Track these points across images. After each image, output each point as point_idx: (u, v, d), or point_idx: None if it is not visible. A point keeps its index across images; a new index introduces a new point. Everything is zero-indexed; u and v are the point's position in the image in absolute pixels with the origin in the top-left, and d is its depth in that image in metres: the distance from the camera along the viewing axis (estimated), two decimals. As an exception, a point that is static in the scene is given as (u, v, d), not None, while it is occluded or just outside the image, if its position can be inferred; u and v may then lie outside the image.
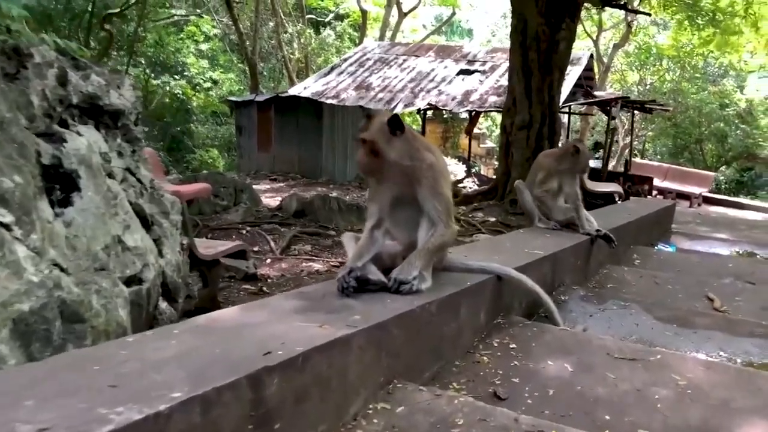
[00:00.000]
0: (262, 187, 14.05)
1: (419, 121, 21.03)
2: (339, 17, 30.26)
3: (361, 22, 27.78)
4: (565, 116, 18.49)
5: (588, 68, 18.75)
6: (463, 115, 21.05)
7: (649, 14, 19.29)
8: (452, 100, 17.12)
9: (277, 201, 10.72)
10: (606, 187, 12.10)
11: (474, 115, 18.17)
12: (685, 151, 27.92)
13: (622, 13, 24.31)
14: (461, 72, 18.64)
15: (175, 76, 24.67)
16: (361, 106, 15.79)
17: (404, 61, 20.05)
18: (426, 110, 18.75)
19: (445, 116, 23.54)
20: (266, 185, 15.03)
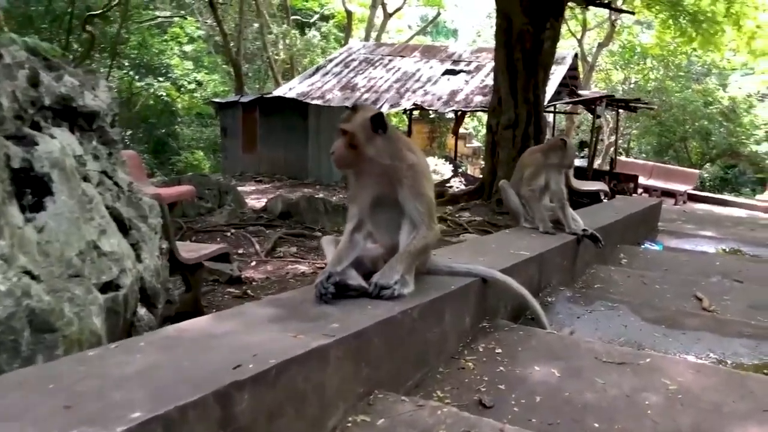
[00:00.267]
0: (248, 189, 13.88)
1: (405, 121, 20.99)
2: (324, 18, 30.21)
3: (346, 23, 27.69)
4: (551, 115, 18.50)
5: (573, 67, 18.82)
6: (450, 115, 21.05)
7: (633, 13, 19.38)
8: (438, 100, 17.08)
9: (263, 202, 10.57)
10: (592, 185, 12.09)
11: (460, 115, 18.15)
12: (669, 149, 28.14)
13: (606, 13, 24.43)
14: (447, 72, 18.61)
15: (160, 78, 24.43)
16: (347, 107, 15.67)
17: (390, 61, 19.99)
18: (412, 110, 18.70)
19: (431, 116, 23.50)
20: (252, 187, 14.85)
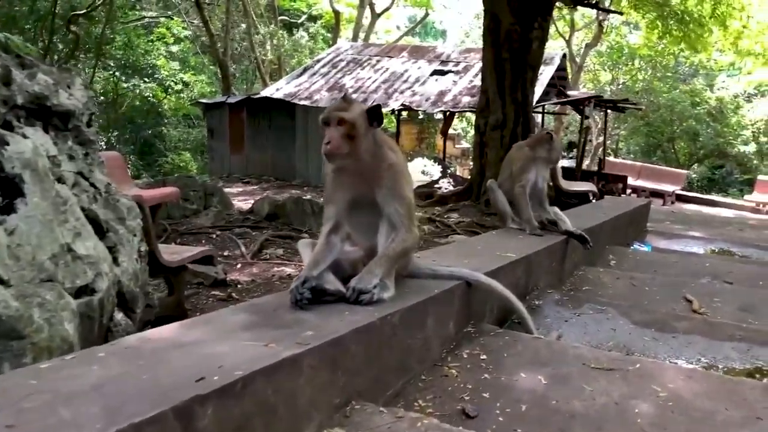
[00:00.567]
0: (235, 190, 13.71)
1: (394, 122, 20.89)
2: (312, 18, 30.08)
3: (334, 23, 27.57)
4: (539, 116, 18.47)
5: (561, 68, 18.82)
6: (438, 115, 20.97)
7: (621, 13, 19.42)
8: (426, 100, 17.01)
9: (250, 204, 10.42)
10: (580, 186, 12.07)
11: (448, 115, 18.09)
12: (657, 150, 28.24)
13: (594, 13, 24.50)
14: (435, 72, 18.55)
15: (146, 79, 24.14)
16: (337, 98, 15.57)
17: (377, 62, 19.90)
18: (400, 111, 18.61)
19: (420, 117, 23.42)
20: (239, 188, 14.68)
